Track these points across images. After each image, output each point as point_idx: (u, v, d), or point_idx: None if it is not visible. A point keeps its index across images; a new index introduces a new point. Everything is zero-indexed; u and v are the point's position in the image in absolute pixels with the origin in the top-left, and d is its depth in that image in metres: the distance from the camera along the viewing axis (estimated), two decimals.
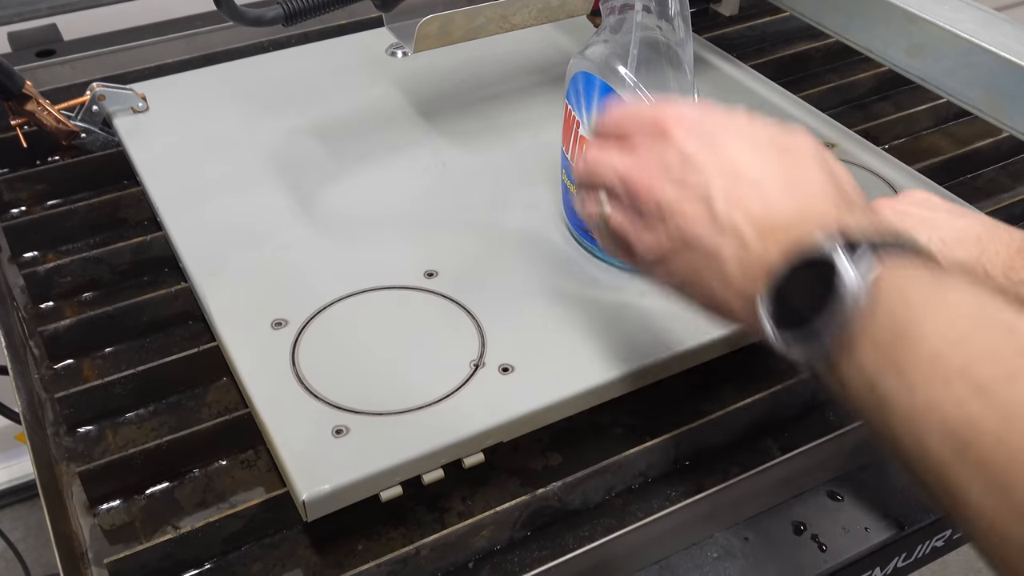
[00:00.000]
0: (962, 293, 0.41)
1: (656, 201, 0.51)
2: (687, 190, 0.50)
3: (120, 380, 0.72)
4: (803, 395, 0.74)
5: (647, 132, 0.53)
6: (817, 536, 0.68)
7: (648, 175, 0.52)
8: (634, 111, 0.56)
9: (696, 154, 0.50)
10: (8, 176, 0.93)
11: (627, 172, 0.53)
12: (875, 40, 0.85)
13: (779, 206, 0.48)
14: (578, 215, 0.63)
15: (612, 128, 0.56)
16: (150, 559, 0.62)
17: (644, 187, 0.52)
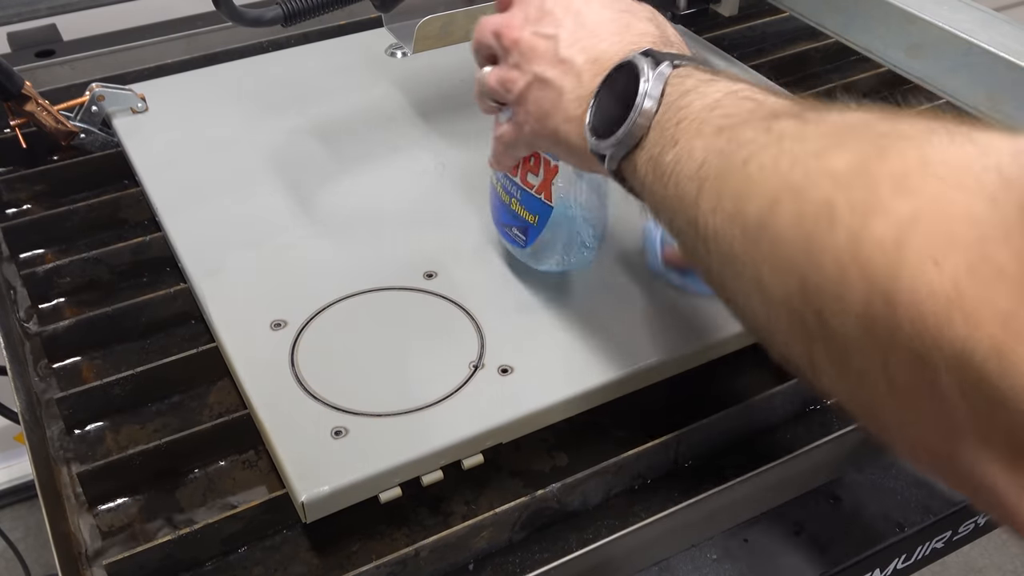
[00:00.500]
0: (725, 82, 0.51)
1: (515, 41, 0.61)
2: (540, 33, 0.60)
3: (119, 381, 0.72)
4: (803, 395, 0.74)
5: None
6: (817, 536, 0.68)
7: (513, 24, 0.62)
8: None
9: (552, 7, 0.60)
10: (8, 176, 0.93)
11: (497, 26, 0.63)
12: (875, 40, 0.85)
13: (610, 45, 0.57)
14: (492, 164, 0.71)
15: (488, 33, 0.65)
16: (149, 559, 0.61)
17: (508, 33, 0.61)
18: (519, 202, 0.71)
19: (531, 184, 0.69)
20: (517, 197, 0.71)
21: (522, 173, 0.69)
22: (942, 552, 0.76)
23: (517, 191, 0.70)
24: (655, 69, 0.52)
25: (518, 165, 0.69)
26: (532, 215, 0.70)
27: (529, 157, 0.68)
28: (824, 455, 0.71)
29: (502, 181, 0.72)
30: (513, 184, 0.71)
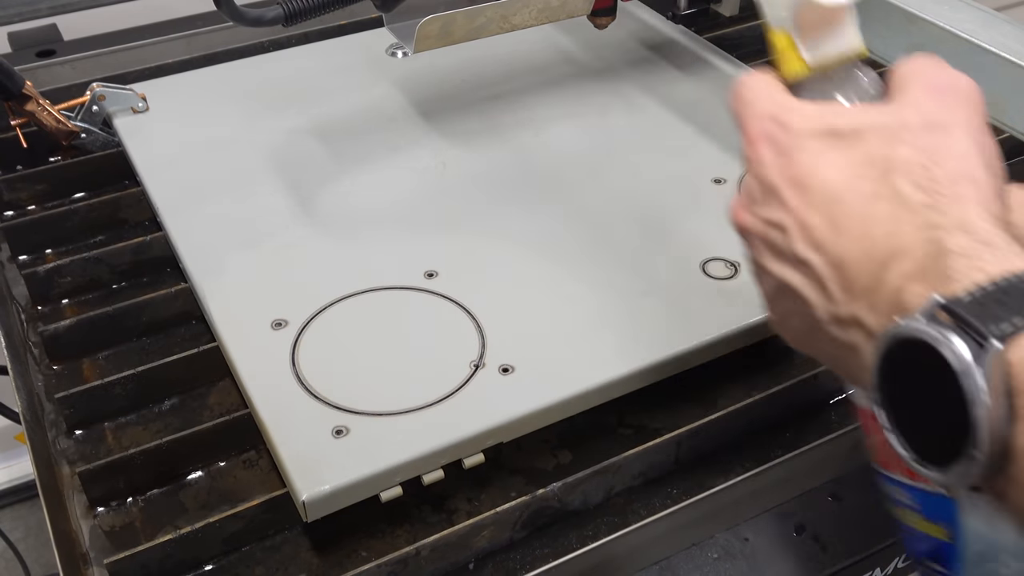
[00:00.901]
0: None
1: (742, 228, 0.47)
2: (766, 220, 0.44)
3: (120, 380, 0.72)
4: (804, 395, 0.74)
5: (745, 142, 0.47)
6: (817, 536, 0.68)
7: (738, 203, 0.47)
8: (739, 115, 0.48)
9: (773, 178, 0.44)
10: (8, 176, 0.93)
11: (732, 201, 0.49)
12: (875, 40, 0.85)
13: (853, 243, 0.40)
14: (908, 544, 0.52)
15: (735, 116, 0.49)
16: (150, 559, 0.62)
17: (734, 216, 0.48)
18: (920, 512, 0.50)
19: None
20: (914, 505, 0.50)
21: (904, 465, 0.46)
22: None
23: (913, 497, 0.50)
24: (967, 353, 0.34)
25: (892, 459, 0.50)
26: (938, 525, 0.49)
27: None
28: (824, 455, 0.71)
29: (893, 493, 0.52)
30: (903, 487, 0.50)
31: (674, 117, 0.96)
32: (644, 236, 0.81)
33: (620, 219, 0.83)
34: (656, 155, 0.91)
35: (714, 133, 0.93)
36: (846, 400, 0.74)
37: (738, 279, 0.76)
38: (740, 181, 0.86)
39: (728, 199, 0.84)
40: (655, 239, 0.81)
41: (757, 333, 0.73)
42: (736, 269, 0.77)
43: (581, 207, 0.84)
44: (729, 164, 0.89)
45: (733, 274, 0.76)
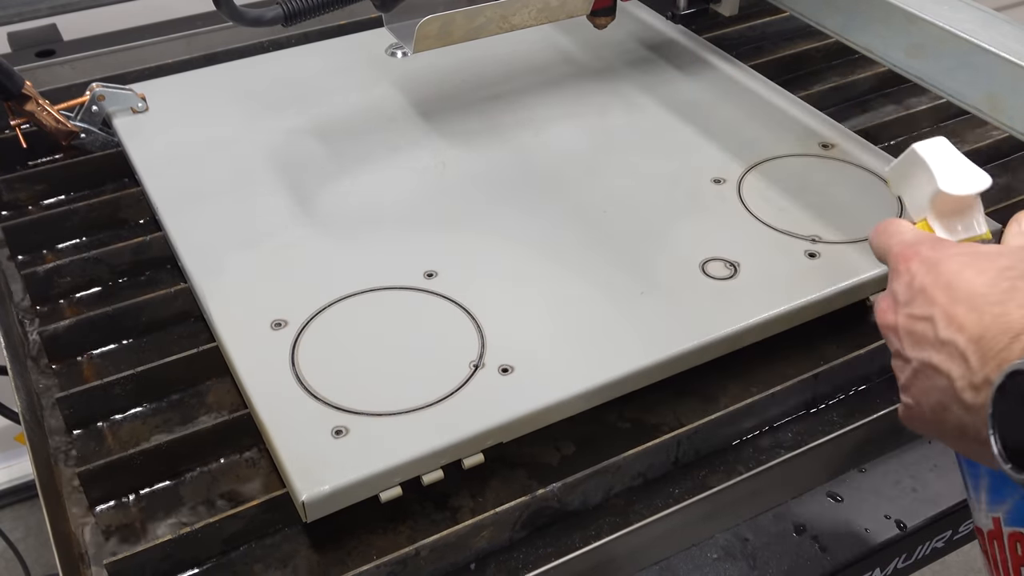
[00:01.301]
0: None
1: (891, 328, 0.54)
2: (915, 315, 0.52)
3: (120, 380, 0.72)
4: (803, 395, 0.74)
5: (891, 266, 0.57)
6: (817, 536, 0.68)
7: (886, 309, 0.55)
8: (885, 242, 0.59)
9: (922, 283, 0.53)
10: (8, 176, 0.93)
11: (876, 311, 0.57)
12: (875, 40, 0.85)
13: (993, 320, 0.48)
14: None
15: (875, 252, 0.60)
16: (150, 559, 0.61)
17: (882, 320, 0.56)
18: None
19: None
20: None
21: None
22: (942, 552, 0.76)
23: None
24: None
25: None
26: None
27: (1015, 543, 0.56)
28: (824, 455, 0.71)
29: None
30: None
31: (674, 117, 0.96)
32: (644, 236, 0.81)
33: (620, 219, 0.83)
34: (656, 155, 0.91)
35: (714, 133, 0.93)
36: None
37: (737, 279, 0.76)
38: (739, 182, 0.86)
39: (728, 199, 0.85)
40: (655, 239, 0.81)
41: (757, 332, 0.73)
42: (735, 269, 0.77)
43: (581, 207, 0.84)
44: (728, 164, 0.89)
45: (733, 274, 0.76)
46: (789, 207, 0.83)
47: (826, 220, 0.82)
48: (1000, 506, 0.56)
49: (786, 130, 0.94)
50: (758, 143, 0.92)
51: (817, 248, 0.79)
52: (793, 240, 0.80)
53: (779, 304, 0.73)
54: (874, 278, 0.76)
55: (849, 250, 0.79)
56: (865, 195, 0.85)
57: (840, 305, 0.76)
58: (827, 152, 0.91)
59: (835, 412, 0.75)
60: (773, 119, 0.95)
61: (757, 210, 0.83)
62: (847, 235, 0.80)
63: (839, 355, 0.75)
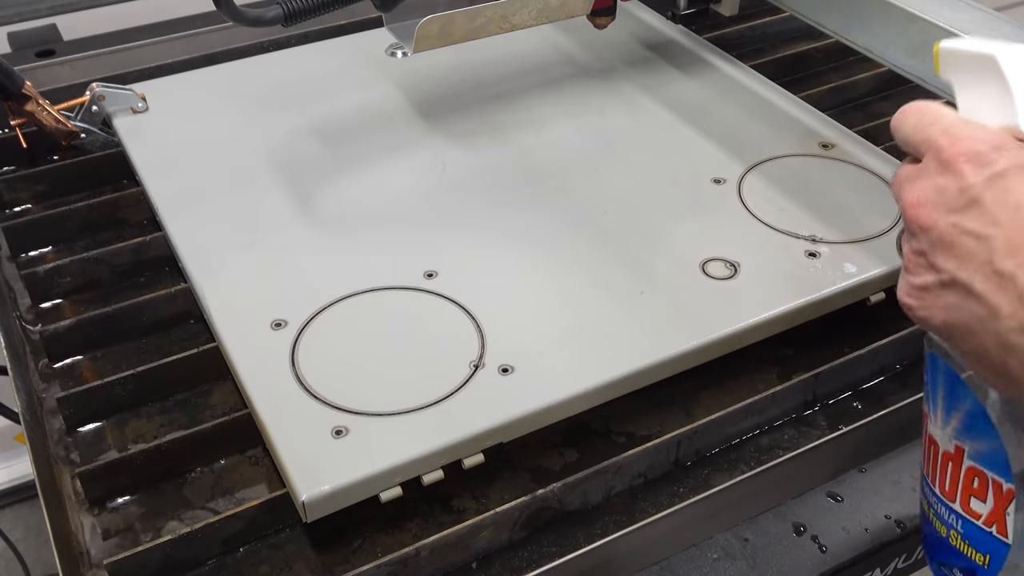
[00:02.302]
0: None
1: (927, 227, 0.48)
2: (965, 229, 0.46)
3: (119, 380, 0.72)
4: (803, 395, 0.74)
5: (932, 157, 0.49)
6: (817, 537, 0.68)
7: (924, 202, 0.48)
8: (925, 129, 0.50)
9: (980, 192, 0.46)
10: (8, 176, 0.93)
11: (903, 190, 0.50)
12: (875, 40, 0.85)
13: None
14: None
15: (903, 139, 0.52)
16: (150, 559, 0.61)
17: (917, 213, 0.48)
18: (960, 535, 0.55)
19: (976, 513, 0.54)
20: (957, 528, 0.55)
21: (962, 497, 0.54)
22: None
23: (957, 521, 0.55)
24: None
25: (956, 485, 0.54)
26: (981, 554, 0.54)
27: (972, 477, 0.53)
28: (824, 455, 0.71)
29: (934, 505, 0.57)
30: (950, 511, 0.55)
31: (674, 117, 0.96)
32: (644, 236, 0.81)
33: (620, 219, 0.83)
34: (656, 155, 0.91)
35: (714, 133, 0.93)
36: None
37: (737, 279, 0.76)
38: (739, 182, 0.86)
39: (728, 199, 0.85)
40: (655, 239, 0.81)
41: (757, 332, 0.73)
42: (735, 269, 0.77)
43: (581, 207, 0.84)
44: (728, 164, 0.89)
45: (733, 274, 0.76)
46: (789, 207, 0.83)
47: (826, 220, 0.82)
48: (952, 416, 0.54)
49: (786, 130, 0.94)
50: (758, 143, 0.92)
51: (817, 248, 0.79)
52: (793, 240, 0.80)
53: (779, 304, 0.74)
54: (874, 278, 0.76)
55: (849, 250, 0.79)
56: (865, 195, 0.85)
57: (840, 305, 0.76)
58: (827, 152, 0.91)
59: (835, 412, 0.75)
60: (773, 119, 0.95)
61: (757, 210, 0.83)
62: (847, 235, 0.80)
63: (839, 355, 0.75)
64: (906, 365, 0.78)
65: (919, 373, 0.78)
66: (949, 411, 0.54)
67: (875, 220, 0.82)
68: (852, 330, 0.78)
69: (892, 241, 0.79)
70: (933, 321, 0.49)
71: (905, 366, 0.78)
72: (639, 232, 0.81)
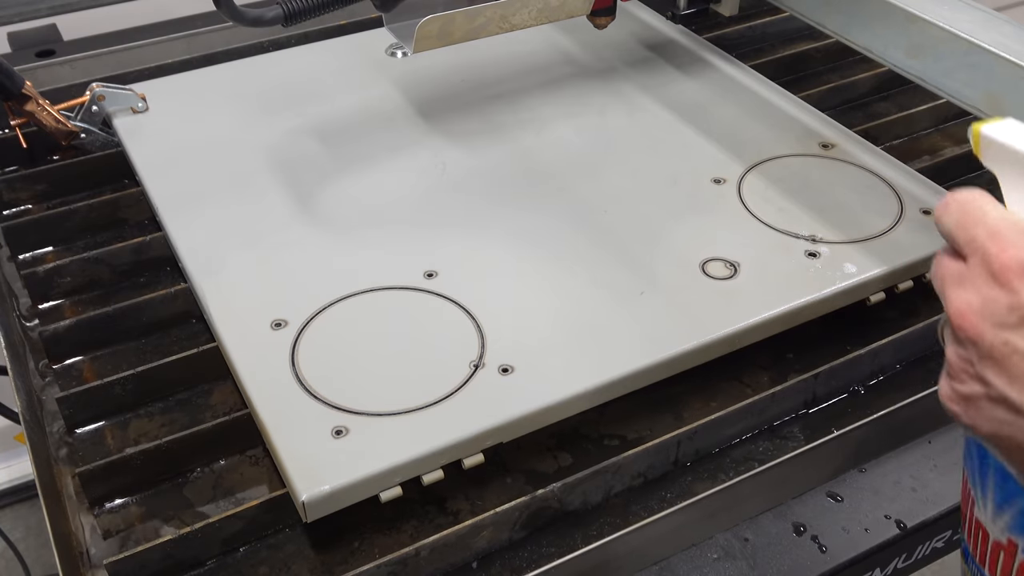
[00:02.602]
0: None
1: (974, 338, 0.46)
2: (1016, 348, 0.44)
3: (120, 380, 0.72)
4: (803, 395, 0.74)
5: (980, 264, 0.47)
6: (817, 536, 0.68)
7: (971, 311, 0.46)
8: (969, 228, 0.48)
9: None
10: (8, 176, 0.93)
11: (949, 293, 0.48)
12: (875, 40, 0.85)
13: None
14: None
15: (947, 233, 0.49)
16: (150, 559, 0.61)
17: (964, 321, 0.47)
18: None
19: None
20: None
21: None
22: (942, 552, 0.76)
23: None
24: None
25: (1009, 574, 0.53)
26: None
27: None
28: (824, 455, 0.71)
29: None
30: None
31: (674, 117, 0.96)
32: (644, 236, 0.81)
33: (620, 219, 0.83)
34: (656, 155, 0.91)
35: (714, 133, 0.93)
36: None
37: (737, 279, 0.76)
38: (739, 182, 0.86)
39: (728, 199, 0.85)
40: (655, 239, 0.81)
41: (757, 332, 0.73)
42: (735, 269, 0.77)
43: (581, 207, 0.84)
44: (728, 164, 0.89)
45: (733, 274, 0.76)
46: (789, 207, 0.83)
47: (826, 220, 0.82)
48: (1006, 510, 0.54)
49: (786, 130, 0.94)
50: (758, 143, 0.92)
51: (817, 248, 0.79)
52: (793, 240, 0.80)
53: (779, 304, 0.74)
54: (874, 278, 0.76)
55: (849, 250, 0.79)
56: (865, 195, 0.85)
57: (840, 305, 0.76)
58: (827, 152, 0.91)
59: (834, 412, 0.75)
60: (773, 119, 0.95)
61: (757, 210, 0.83)
62: (847, 235, 0.80)
63: (839, 355, 0.75)
64: (906, 365, 0.78)
65: (919, 373, 0.78)
66: (1001, 505, 0.53)
67: (875, 220, 0.82)
68: (852, 330, 0.78)
69: (892, 241, 0.79)
70: (979, 430, 0.48)
71: (905, 366, 0.78)
72: (639, 232, 0.81)
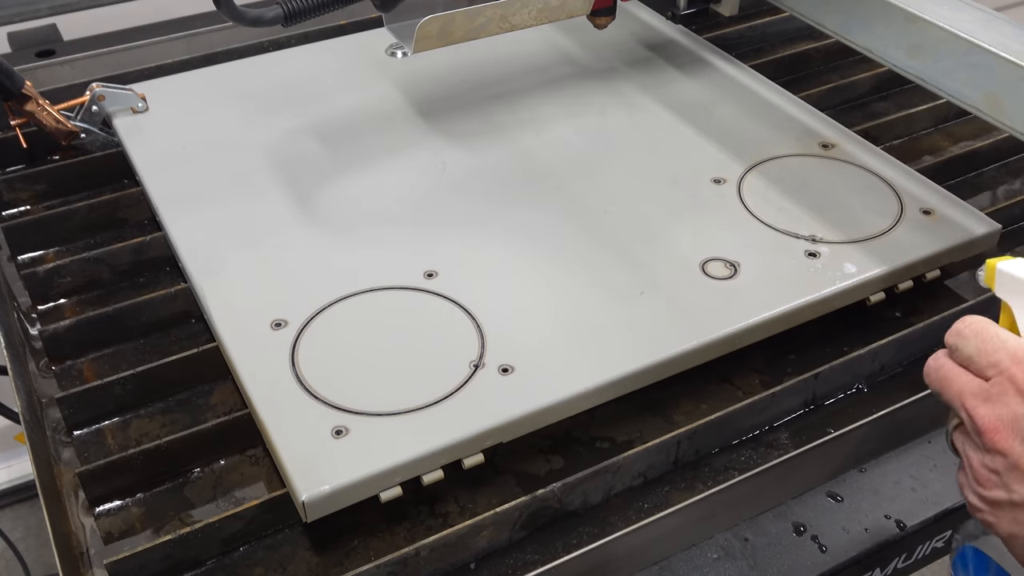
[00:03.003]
0: None
1: (1002, 450, 0.51)
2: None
3: (119, 380, 0.72)
4: (803, 395, 0.74)
5: (1008, 385, 0.51)
6: (817, 536, 0.68)
7: (1000, 427, 0.51)
8: (990, 354, 0.53)
9: None
10: (8, 176, 0.93)
11: (973, 408, 0.52)
12: (875, 40, 0.85)
13: None
14: None
15: (965, 358, 0.54)
16: (150, 559, 0.61)
17: (992, 436, 0.51)
18: None
19: None
20: None
21: None
22: (942, 552, 0.76)
23: None
24: None
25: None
26: None
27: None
28: (824, 455, 0.71)
29: None
30: None
31: (674, 117, 0.96)
32: (644, 236, 0.81)
33: (620, 219, 0.83)
34: (656, 155, 0.91)
35: (714, 133, 0.93)
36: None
37: (737, 279, 0.76)
38: (739, 182, 0.86)
39: (728, 199, 0.85)
40: (655, 239, 0.81)
41: (757, 332, 0.73)
42: (735, 269, 0.77)
43: (581, 207, 0.84)
44: (728, 164, 0.89)
45: (733, 274, 0.76)
46: (789, 207, 0.83)
47: (826, 220, 0.82)
48: None
49: (786, 130, 0.94)
50: (758, 143, 0.92)
51: (817, 248, 0.79)
52: (793, 240, 0.80)
53: (779, 304, 0.74)
54: (874, 278, 0.76)
55: (849, 250, 0.79)
56: (865, 195, 0.85)
57: (840, 305, 0.76)
58: (827, 152, 0.91)
59: (835, 412, 0.75)
60: (773, 119, 0.95)
61: (757, 210, 0.83)
62: (847, 235, 0.80)
63: (839, 355, 0.75)
64: (906, 365, 0.78)
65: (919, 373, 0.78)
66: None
67: (875, 220, 0.82)
68: (852, 330, 0.78)
69: (892, 241, 0.79)
70: (998, 529, 0.52)
71: (905, 366, 0.78)
72: (639, 232, 0.81)
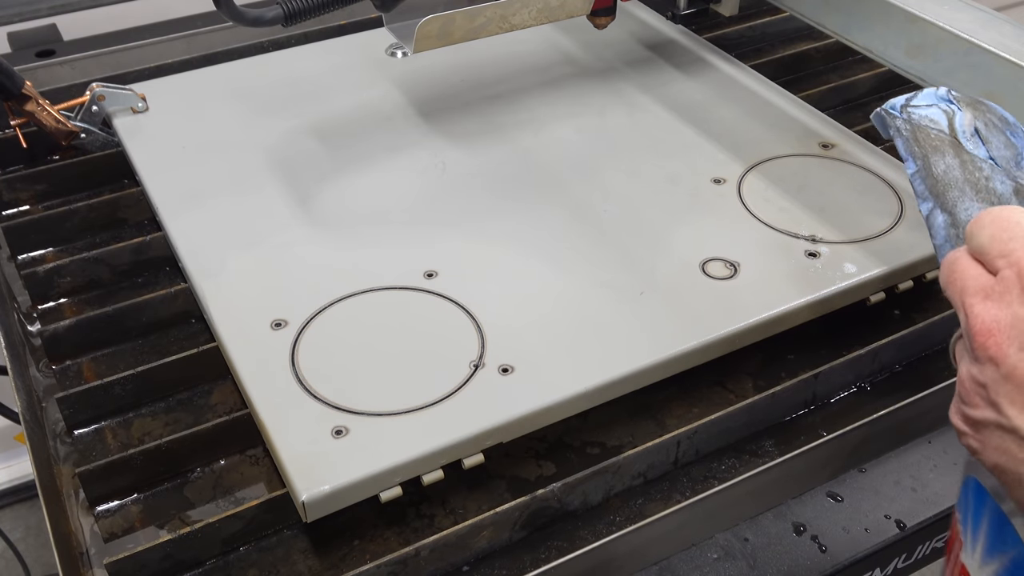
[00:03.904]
0: None
1: (996, 359, 0.44)
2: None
3: (119, 380, 0.72)
4: (803, 395, 0.74)
5: (1015, 281, 0.44)
6: (817, 537, 0.68)
7: (998, 330, 0.44)
8: (1005, 243, 0.46)
9: None
10: (8, 176, 0.93)
11: (971, 307, 0.45)
12: (875, 40, 0.85)
13: None
14: None
15: (977, 248, 0.47)
16: (150, 559, 0.61)
17: (986, 340, 0.44)
18: None
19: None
20: None
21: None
22: (942, 552, 0.76)
23: None
24: None
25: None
26: None
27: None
28: (824, 455, 0.71)
29: None
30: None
31: (674, 117, 0.96)
32: (644, 236, 0.81)
33: (620, 219, 0.83)
34: (656, 155, 0.91)
35: (714, 133, 0.93)
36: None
37: (737, 279, 0.76)
38: (739, 182, 0.86)
39: (728, 199, 0.85)
40: (655, 239, 0.81)
41: (757, 332, 0.73)
42: (735, 269, 0.77)
43: (581, 207, 0.84)
44: (728, 164, 0.89)
45: (733, 274, 0.76)
46: (789, 207, 0.83)
47: (826, 220, 0.82)
48: (995, 559, 0.52)
49: (786, 130, 0.94)
50: (758, 143, 0.92)
51: (817, 248, 0.79)
52: (793, 240, 0.80)
53: (779, 304, 0.74)
54: (874, 278, 0.76)
55: (849, 250, 0.79)
56: (865, 195, 0.85)
57: (840, 305, 0.76)
58: (827, 152, 0.91)
59: (835, 412, 0.75)
60: (773, 119, 0.95)
61: (757, 210, 0.83)
62: (847, 235, 0.80)
63: (839, 355, 0.75)
64: (906, 365, 0.78)
65: (919, 373, 0.78)
66: (991, 551, 0.51)
67: (875, 220, 0.82)
68: (852, 330, 0.78)
69: (892, 241, 0.79)
70: (983, 456, 0.46)
71: (905, 366, 0.78)
72: (639, 232, 0.81)
